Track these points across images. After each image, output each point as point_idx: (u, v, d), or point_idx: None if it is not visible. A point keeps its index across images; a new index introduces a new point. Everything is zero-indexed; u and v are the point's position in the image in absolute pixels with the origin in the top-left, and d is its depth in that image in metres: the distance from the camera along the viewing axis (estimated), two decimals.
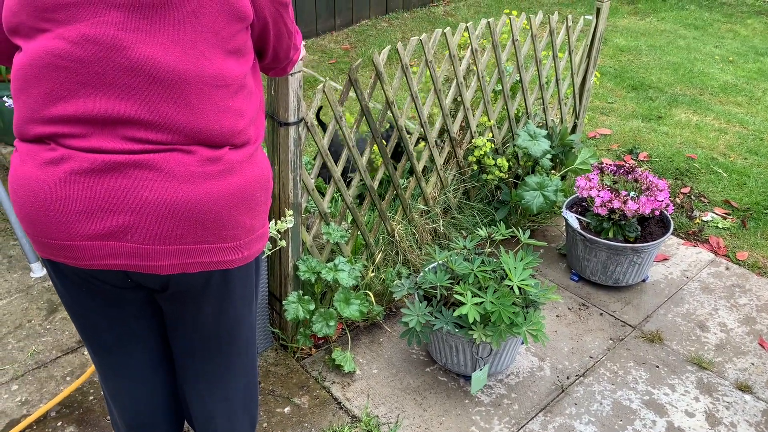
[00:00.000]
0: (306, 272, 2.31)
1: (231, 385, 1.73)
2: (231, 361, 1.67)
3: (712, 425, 2.20)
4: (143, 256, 1.30)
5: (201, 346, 1.60)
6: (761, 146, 4.07)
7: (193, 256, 1.33)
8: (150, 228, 1.27)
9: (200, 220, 1.30)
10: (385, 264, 2.72)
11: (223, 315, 1.53)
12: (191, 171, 1.27)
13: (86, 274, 1.37)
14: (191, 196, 1.28)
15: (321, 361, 2.45)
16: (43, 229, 1.29)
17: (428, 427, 2.19)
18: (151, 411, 1.76)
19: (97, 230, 1.27)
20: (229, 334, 1.59)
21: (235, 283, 1.48)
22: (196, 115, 1.28)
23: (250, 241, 1.42)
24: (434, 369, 2.43)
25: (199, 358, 1.63)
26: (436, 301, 2.31)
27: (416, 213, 2.79)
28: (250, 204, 1.38)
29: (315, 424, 2.20)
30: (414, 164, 2.64)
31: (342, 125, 2.29)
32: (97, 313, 1.50)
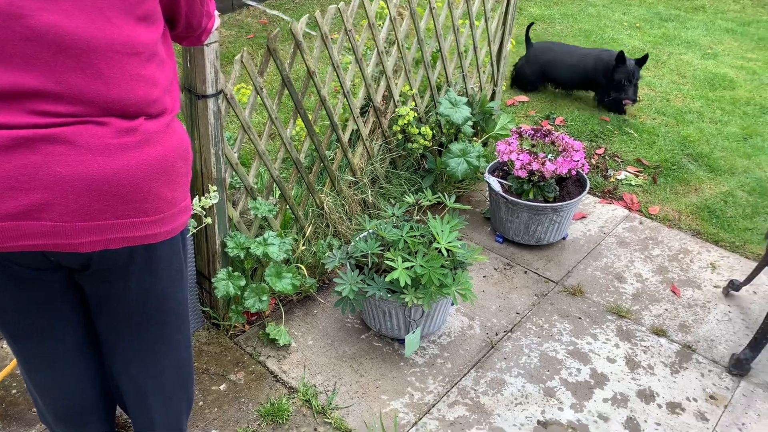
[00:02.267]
0: (234, 248, 2.29)
1: (164, 365, 1.70)
2: (163, 340, 1.64)
3: (632, 368, 2.35)
4: (62, 234, 1.25)
5: (129, 325, 1.56)
6: (668, 107, 4.30)
7: (115, 231, 1.30)
8: (67, 204, 1.23)
9: (120, 194, 1.26)
10: (316, 237, 2.72)
11: (151, 292, 1.50)
12: (106, 143, 1.23)
13: (1, 258, 1.31)
14: (108, 169, 1.24)
15: (255, 337, 2.44)
16: None
17: (365, 391, 2.23)
18: (79, 400, 1.70)
19: (9, 210, 1.21)
20: (158, 312, 1.56)
21: (160, 258, 1.45)
22: (107, 85, 1.23)
23: (173, 214, 1.39)
24: (369, 335, 2.47)
25: (128, 339, 1.59)
26: (368, 269, 2.34)
27: (344, 184, 2.80)
28: (171, 175, 1.35)
29: (252, 398, 2.19)
30: (339, 135, 2.64)
31: (263, 96, 2.26)
32: (15, 299, 1.43)
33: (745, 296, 2.71)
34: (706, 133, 3.98)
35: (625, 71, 3.91)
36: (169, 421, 1.81)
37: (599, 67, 4.06)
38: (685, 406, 2.21)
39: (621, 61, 3.91)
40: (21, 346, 1.55)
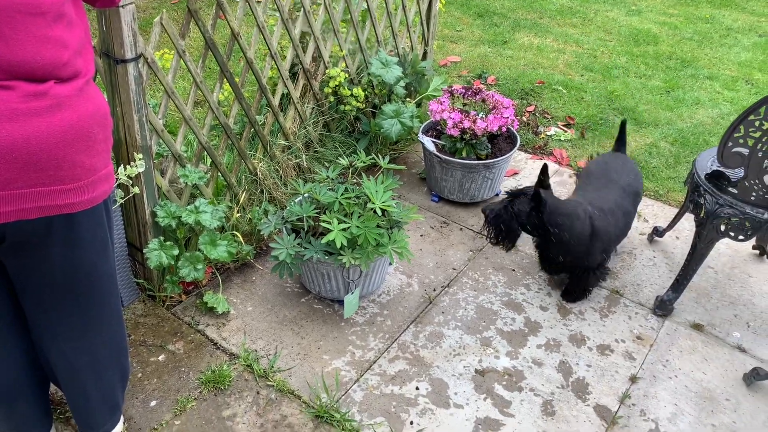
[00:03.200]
0: (165, 218, 2.24)
1: (95, 339, 1.66)
2: (91, 314, 1.60)
3: (564, 315, 2.44)
4: None
5: (55, 300, 1.51)
6: (595, 63, 4.40)
7: (29, 200, 1.25)
8: None
9: (32, 161, 1.21)
10: (251, 203, 2.69)
11: (75, 264, 1.45)
12: (13, 108, 1.17)
13: None
14: (17, 135, 1.18)
15: (193, 306, 2.41)
16: None
17: (307, 353, 2.25)
18: (9, 380, 1.65)
19: None
20: (84, 285, 1.52)
21: (82, 228, 1.41)
22: (10, 47, 1.17)
23: (93, 182, 1.35)
24: (309, 299, 2.48)
25: (55, 314, 1.55)
26: (304, 233, 2.33)
27: (278, 149, 2.77)
28: (87, 141, 1.31)
29: (192, 367, 2.18)
30: (269, 98, 2.59)
31: (186, 60, 2.19)
32: None
33: (669, 241, 2.85)
34: (631, 88, 4.10)
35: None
36: (103, 394, 1.78)
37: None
38: (614, 348, 2.32)
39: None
40: None
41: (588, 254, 2.32)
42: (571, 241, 2.26)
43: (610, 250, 2.41)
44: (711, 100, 4.00)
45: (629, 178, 2.49)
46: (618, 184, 2.45)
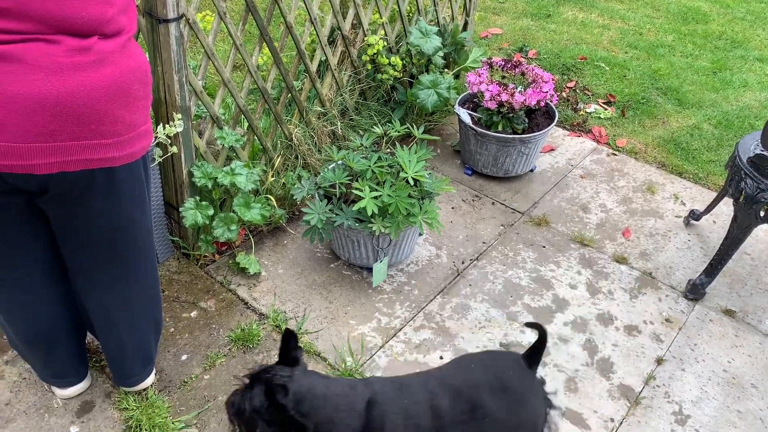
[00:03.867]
0: (202, 178, 2.28)
1: (131, 291, 1.72)
2: (128, 266, 1.65)
3: (593, 294, 2.43)
4: (16, 155, 1.24)
5: (94, 251, 1.57)
6: (640, 41, 4.29)
7: (72, 153, 1.29)
8: (20, 124, 1.21)
9: (75, 115, 1.24)
10: (285, 168, 2.72)
11: (114, 217, 1.50)
12: (59, 62, 1.20)
13: None
14: (62, 89, 1.22)
15: (225, 266, 2.46)
16: None
17: (334, 316, 2.29)
18: (48, 325, 1.72)
19: None
20: (123, 238, 1.56)
21: (122, 183, 1.45)
22: (57, 2, 1.20)
23: (132, 137, 1.38)
24: (338, 265, 2.51)
25: (93, 266, 1.60)
26: (336, 199, 2.35)
27: (313, 116, 2.78)
28: (128, 97, 1.33)
29: (223, 324, 2.24)
30: (307, 64, 2.60)
31: (227, 22, 2.20)
32: None
33: (705, 225, 2.79)
34: (677, 67, 3.99)
35: None
36: (137, 346, 1.85)
37: None
38: (642, 329, 2.30)
39: None
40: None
41: None
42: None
43: None
44: (759, 83, 3.87)
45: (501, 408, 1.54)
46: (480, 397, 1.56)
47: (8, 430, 1.88)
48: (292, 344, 1.53)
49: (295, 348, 1.54)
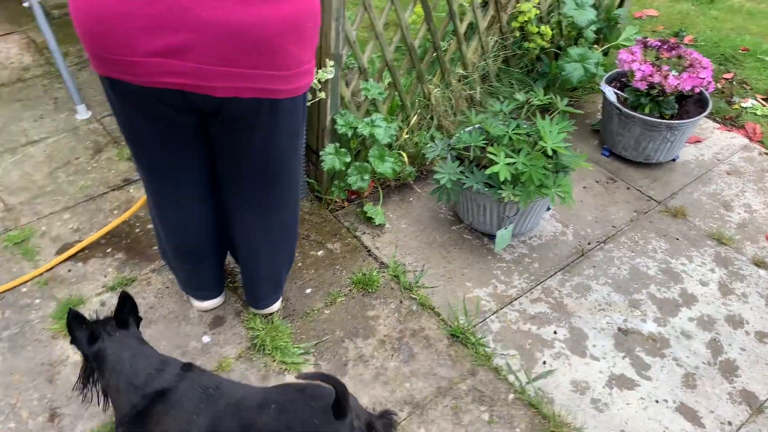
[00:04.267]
0: (343, 126, 2.37)
1: (274, 219, 1.83)
2: (276, 195, 1.76)
3: (724, 294, 2.31)
4: (200, 76, 1.36)
5: (248, 177, 1.68)
6: None
7: (246, 80, 1.38)
8: (207, 48, 1.32)
9: (255, 45, 1.34)
10: (419, 128, 2.76)
11: (271, 147, 1.60)
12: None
13: (145, 93, 1.43)
14: (245, 18, 1.30)
15: (353, 214, 2.56)
16: (105, 44, 1.34)
17: (451, 276, 2.33)
18: (198, 236, 1.89)
19: (158, 47, 1.32)
20: (276, 167, 1.67)
21: (283, 115, 1.54)
22: None
23: (298, 73, 1.47)
24: (460, 228, 2.54)
25: (245, 190, 1.73)
26: (468, 162, 2.37)
27: (454, 78, 2.79)
28: (300, 34, 1.41)
29: (346, 267, 2.34)
30: (456, 25, 2.61)
31: None
32: (152, 136, 1.58)
33: None
34: None
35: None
36: (272, 271, 1.98)
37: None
38: None
39: None
40: (155, 183, 1.71)
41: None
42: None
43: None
44: None
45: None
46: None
47: (151, 330, 2.09)
48: (127, 308, 1.58)
49: (130, 313, 1.59)
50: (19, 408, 1.86)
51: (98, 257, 2.32)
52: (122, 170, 2.70)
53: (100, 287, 2.21)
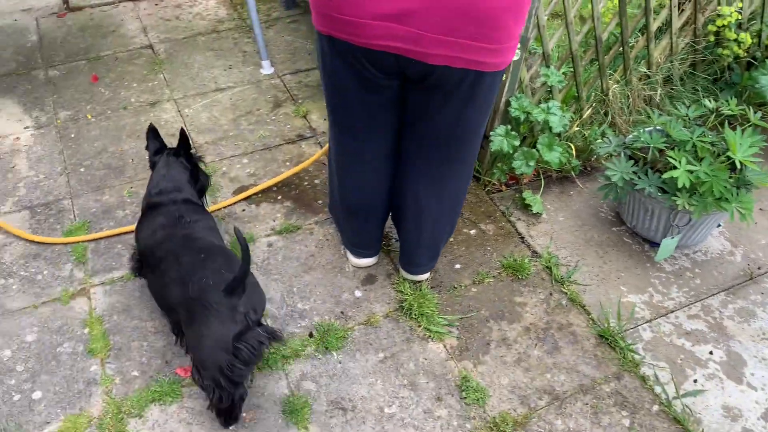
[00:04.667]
0: (517, 110, 2.37)
1: (445, 188, 1.88)
2: (453, 165, 1.81)
3: None
4: (419, 42, 1.41)
5: (432, 143, 1.74)
6: None
7: (461, 50, 1.43)
8: (431, 16, 1.37)
9: (477, 17, 1.37)
10: (590, 122, 2.69)
11: (463, 117, 1.64)
12: None
13: (360, 53, 1.51)
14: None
15: (510, 199, 2.56)
16: (336, 5, 1.43)
17: (606, 277, 2.27)
18: (372, 195, 1.98)
19: (384, 11, 1.38)
20: (461, 139, 1.71)
21: (482, 88, 1.57)
22: None
23: (507, 48, 1.49)
24: (620, 230, 2.46)
25: (426, 156, 1.78)
26: (642, 163, 2.29)
27: (635, 76, 2.69)
28: (518, 11, 1.43)
29: (497, 249, 2.35)
30: (649, 22, 2.51)
31: None
32: (355, 95, 1.66)
33: None
34: None
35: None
36: (432, 239, 2.04)
37: None
38: None
39: None
40: (345, 140, 1.81)
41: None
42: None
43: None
44: None
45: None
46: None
47: (309, 276, 2.22)
48: (183, 144, 2.05)
49: (184, 147, 2.05)
50: None
51: (269, 202, 2.50)
52: (297, 126, 2.87)
53: (268, 230, 2.38)
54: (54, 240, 2.28)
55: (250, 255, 1.60)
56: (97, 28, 3.46)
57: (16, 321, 2.04)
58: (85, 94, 3.00)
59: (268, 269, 2.24)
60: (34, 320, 2.05)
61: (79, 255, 2.25)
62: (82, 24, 3.50)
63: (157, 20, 3.54)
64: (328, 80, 1.67)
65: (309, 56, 3.29)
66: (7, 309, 2.08)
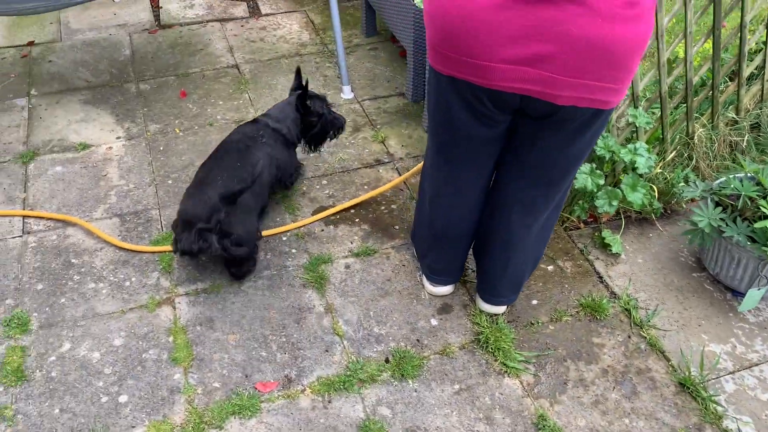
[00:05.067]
0: (602, 149, 2.36)
1: (537, 220, 1.89)
2: (551, 193, 1.81)
3: None
4: (550, 85, 1.43)
5: (535, 172, 1.75)
6: None
7: (589, 91, 1.45)
8: (566, 59, 1.39)
9: (609, 59, 1.39)
10: (672, 164, 2.66)
11: (570, 148, 1.65)
12: (614, 11, 1.34)
13: (483, 92, 1.53)
14: (609, 35, 1.36)
15: (588, 237, 2.54)
16: (464, 47, 1.44)
17: (686, 323, 2.22)
18: (463, 222, 1.99)
19: (517, 55, 1.40)
20: (562, 171, 1.73)
21: (596, 123, 1.59)
22: None
23: (623, 87, 1.50)
24: (701, 276, 2.41)
25: (525, 184, 1.79)
26: (730, 210, 2.25)
27: (722, 121, 2.65)
28: (639, 53, 1.44)
29: (575, 288, 2.33)
30: (742, 67, 2.47)
31: (688, 8, 2.20)
32: (467, 128, 1.68)
33: None
34: None
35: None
36: (517, 270, 2.04)
37: None
38: None
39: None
40: (447, 169, 1.83)
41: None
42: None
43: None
44: None
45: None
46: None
47: (385, 300, 2.25)
48: (300, 88, 2.50)
49: (300, 89, 2.49)
50: (271, 341, 2.10)
51: (347, 224, 2.54)
52: (375, 151, 2.92)
53: (346, 251, 2.42)
54: (142, 248, 2.37)
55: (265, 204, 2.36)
56: (186, 46, 3.61)
57: (105, 324, 2.13)
58: (174, 108, 3.12)
59: (345, 291, 2.27)
60: (122, 325, 2.13)
61: (166, 264, 2.33)
62: (171, 41, 3.65)
63: (243, 41, 3.67)
64: (440, 114, 1.69)
65: (388, 83, 3.36)
66: (97, 312, 2.17)
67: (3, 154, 2.82)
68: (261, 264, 2.35)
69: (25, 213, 2.51)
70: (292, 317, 2.18)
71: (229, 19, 3.88)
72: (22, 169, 2.74)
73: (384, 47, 3.62)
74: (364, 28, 3.66)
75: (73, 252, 2.37)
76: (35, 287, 2.24)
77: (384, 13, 3.22)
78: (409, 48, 3.02)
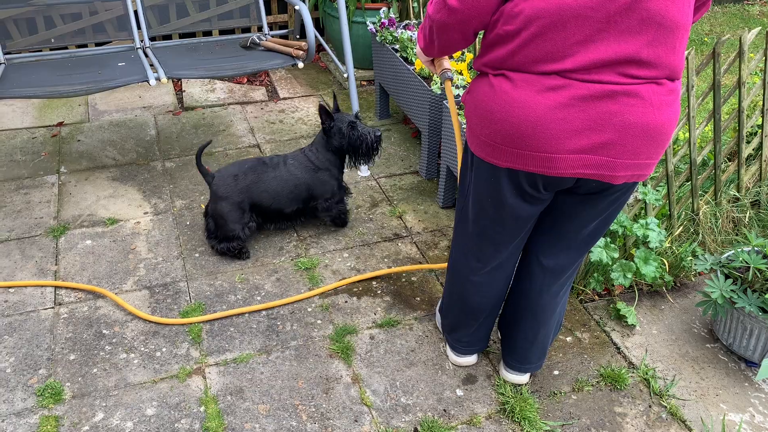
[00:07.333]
0: (615, 223, 2.48)
1: (563, 286, 2.00)
2: (573, 263, 1.93)
3: None
4: (609, 168, 1.57)
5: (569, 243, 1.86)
6: None
7: (638, 169, 1.61)
8: (624, 145, 1.54)
9: (656, 140, 1.56)
10: (679, 239, 2.78)
11: (605, 217, 1.79)
12: (661, 100, 1.53)
13: (540, 179, 1.65)
14: (657, 120, 1.54)
15: (603, 309, 2.62)
16: (532, 144, 1.56)
17: (704, 393, 2.28)
18: (495, 295, 2.08)
19: (581, 145, 1.54)
20: (596, 234, 1.85)
21: (626, 195, 1.74)
22: (675, 56, 1.52)
23: (654, 163, 1.65)
24: (715, 347, 2.48)
25: (559, 252, 1.90)
26: (740, 282, 2.35)
27: (725, 198, 2.80)
28: (672, 130, 1.61)
29: (594, 358, 2.40)
30: (742, 148, 2.64)
31: (690, 94, 2.38)
32: (516, 210, 1.77)
33: None
34: None
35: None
36: (543, 336, 2.12)
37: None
38: None
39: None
40: (492, 250, 1.93)
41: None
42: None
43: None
44: None
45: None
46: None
47: (410, 371, 2.30)
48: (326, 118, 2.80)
49: (328, 119, 2.79)
50: (300, 411, 2.14)
51: (369, 296, 2.62)
52: (393, 225, 3.04)
53: (370, 322, 2.49)
54: (170, 321, 2.43)
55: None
56: (209, 127, 3.79)
57: (137, 394, 2.16)
58: (199, 185, 3.25)
59: (371, 361, 2.32)
60: (153, 395, 2.16)
61: (195, 335, 2.39)
62: (195, 122, 3.83)
63: (263, 122, 3.85)
64: (489, 201, 1.77)
65: (401, 162, 3.52)
66: (129, 382, 2.20)
67: (35, 228, 2.92)
68: (288, 335, 2.41)
69: (57, 283, 2.58)
70: (320, 387, 2.22)
71: (249, 102, 4.09)
72: (53, 242, 2.83)
73: (397, 128, 3.81)
74: (378, 110, 3.87)
75: (104, 323, 2.43)
76: (67, 357, 2.29)
77: (399, 98, 3.42)
78: (424, 130, 3.20)
